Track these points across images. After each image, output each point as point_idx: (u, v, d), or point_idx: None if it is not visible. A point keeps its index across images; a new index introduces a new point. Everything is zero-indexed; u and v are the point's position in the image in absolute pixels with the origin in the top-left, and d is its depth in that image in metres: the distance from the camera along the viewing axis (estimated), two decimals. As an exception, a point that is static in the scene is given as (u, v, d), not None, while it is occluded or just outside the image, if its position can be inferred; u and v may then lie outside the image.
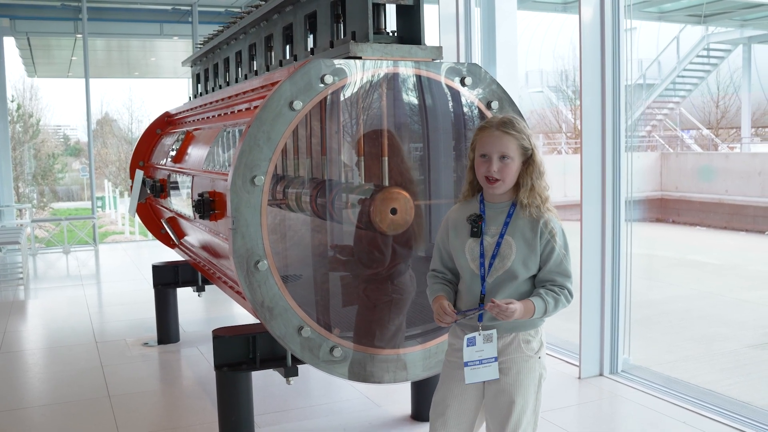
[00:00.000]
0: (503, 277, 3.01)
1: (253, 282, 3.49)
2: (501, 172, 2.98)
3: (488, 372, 3.02)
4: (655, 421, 4.81)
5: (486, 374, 3.02)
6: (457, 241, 3.09)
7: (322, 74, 3.52)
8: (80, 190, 40.17)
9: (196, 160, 5.07)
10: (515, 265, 2.99)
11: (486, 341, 3.00)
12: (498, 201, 3.07)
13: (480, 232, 3.03)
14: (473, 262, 3.03)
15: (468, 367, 3.01)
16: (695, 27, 25.79)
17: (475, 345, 3.00)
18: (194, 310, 8.20)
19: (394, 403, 5.17)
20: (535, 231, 2.99)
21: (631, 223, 5.69)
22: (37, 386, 5.88)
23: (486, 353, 3.00)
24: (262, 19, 5.13)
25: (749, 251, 16.53)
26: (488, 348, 3.00)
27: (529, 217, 3.01)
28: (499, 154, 2.97)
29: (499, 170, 2.98)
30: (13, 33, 15.32)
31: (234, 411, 4.23)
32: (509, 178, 3.00)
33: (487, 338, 3.00)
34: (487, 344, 3.00)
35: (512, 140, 2.98)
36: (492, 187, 3.01)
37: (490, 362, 3.01)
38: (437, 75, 3.83)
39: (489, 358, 3.00)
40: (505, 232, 3.01)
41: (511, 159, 2.98)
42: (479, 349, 3.00)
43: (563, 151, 31.54)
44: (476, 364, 3.00)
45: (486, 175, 2.99)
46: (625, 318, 5.68)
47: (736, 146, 29.90)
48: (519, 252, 2.99)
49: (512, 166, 2.99)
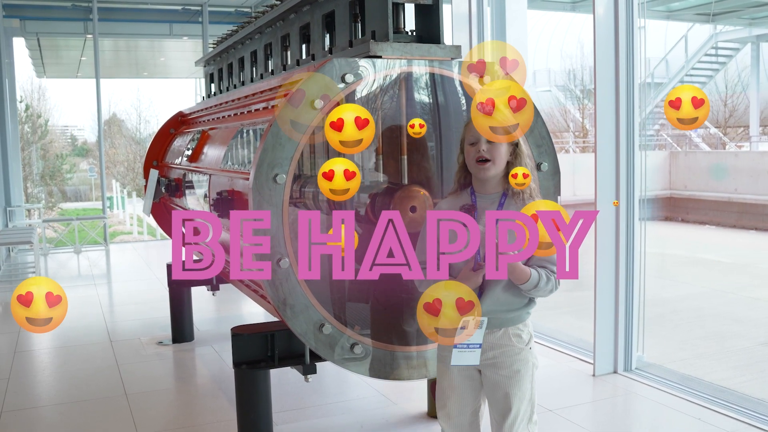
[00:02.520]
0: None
1: (275, 279, 3.51)
2: (490, 153, 3.12)
3: (472, 357, 3.15)
4: (670, 418, 4.83)
5: (470, 359, 3.15)
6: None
7: (343, 73, 3.55)
8: (88, 191, 40.29)
9: (213, 159, 5.10)
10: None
11: (476, 327, 3.07)
12: (489, 192, 3.21)
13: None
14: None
15: (456, 349, 3.13)
16: (703, 26, 25.74)
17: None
18: (207, 309, 8.24)
19: (409, 400, 5.20)
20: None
21: (644, 221, 5.71)
22: (54, 385, 5.92)
23: (473, 339, 3.12)
24: (279, 19, 5.15)
25: (760, 249, 16.50)
26: (476, 333, 3.11)
27: (522, 203, 3.12)
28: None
29: (488, 150, 3.12)
30: (23, 34, 15.40)
31: (253, 408, 4.26)
32: (498, 159, 3.14)
33: (477, 325, 3.09)
34: (477, 330, 3.10)
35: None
36: (483, 168, 3.14)
37: (475, 348, 3.14)
38: (455, 74, 3.86)
39: (475, 344, 3.13)
40: None
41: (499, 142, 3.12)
42: (468, 333, 3.09)
43: (571, 150, 31.52)
44: (463, 347, 3.13)
45: (476, 157, 3.14)
46: (638, 316, 5.70)
47: (744, 145, 29.86)
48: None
49: (500, 148, 3.13)
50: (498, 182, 3.20)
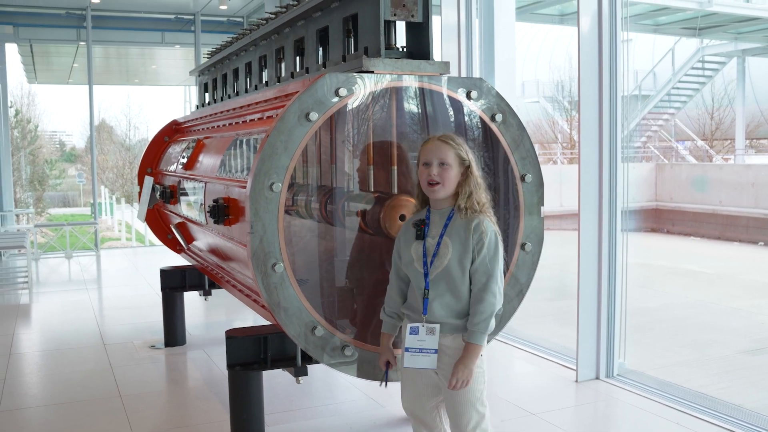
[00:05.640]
0: (442, 275, 3.34)
1: (270, 283, 3.66)
2: (440, 176, 3.34)
3: (427, 361, 3.34)
4: (650, 422, 4.97)
5: (425, 363, 3.34)
6: (405, 245, 3.46)
7: (336, 87, 3.70)
8: (76, 196, 40.26)
9: (208, 167, 5.23)
10: (451, 263, 3.32)
11: (429, 333, 3.33)
12: (441, 207, 3.42)
13: (423, 235, 3.39)
14: (417, 261, 3.39)
15: (408, 353, 3.34)
16: (690, 39, 26.04)
17: (418, 335, 3.33)
18: (197, 314, 8.36)
19: (396, 403, 5.31)
20: (468, 230, 3.32)
21: (626, 232, 5.85)
22: (49, 386, 6.03)
23: (427, 344, 3.32)
24: (274, 33, 5.30)
25: (742, 261, 16.72)
26: (430, 339, 3.32)
27: (465, 219, 3.35)
28: (439, 161, 3.34)
29: (438, 174, 3.33)
30: (16, 40, 15.47)
31: (245, 409, 4.40)
32: (448, 182, 3.35)
33: (430, 331, 3.33)
34: (429, 336, 3.32)
35: (450, 149, 3.36)
36: (433, 190, 3.36)
37: (429, 353, 3.33)
38: (444, 88, 4.02)
39: (429, 349, 3.32)
40: (443, 233, 3.36)
41: (450, 165, 3.34)
42: (421, 339, 3.33)
43: (559, 162, 31.75)
44: (416, 352, 3.33)
45: (428, 180, 3.35)
46: (620, 324, 5.83)
47: (731, 157, 30.15)
48: (455, 251, 3.32)
49: (450, 172, 3.35)
50: (449, 199, 3.41)
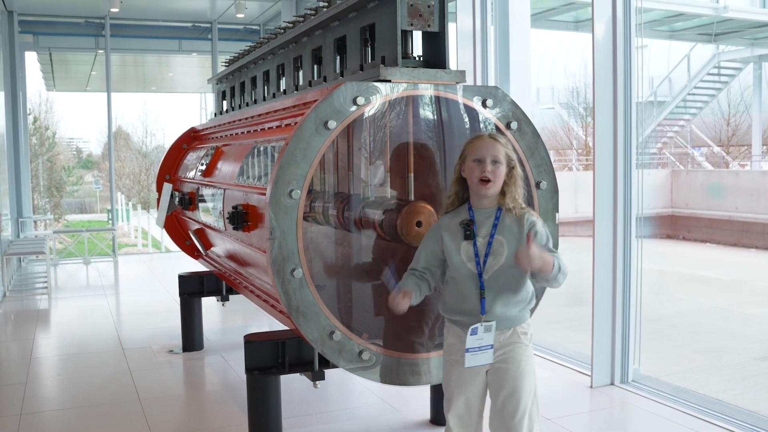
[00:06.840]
0: (498, 273, 3.40)
1: (289, 289, 3.72)
2: (493, 173, 3.38)
3: (485, 357, 3.44)
4: (664, 428, 4.99)
5: (483, 359, 3.44)
6: (452, 245, 3.46)
7: (354, 96, 3.77)
8: (93, 203, 40.54)
9: (227, 174, 5.31)
10: (507, 261, 3.38)
11: (486, 331, 3.41)
12: (485, 207, 3.46)
13: (473, 234, 3.41)
14: (469, 261, 3.42)
15: (469, 353, 3.41)
16: (706, 45, 25.99)
17: (477, 334, 3.40)
18: (214, 319, 8.43)
19: (412, 408, 5.37)
20: (520, 224, 3.40)
21: (641, 239, 5.87)
22: (70, 389, 6.12)
23: (485, 341, 3.41)
24: (292, 42, 5.37)
25: (758, 267, 16.68)
26: (487, 336, 3.41)
27: (514, 217, 3.42)
28: (492, 158, 3.38)
29: (491, 171, 3.38)
30: (35, 48, 15.68)
31: (263, 413, 4.45)
32: (499, 180, 3.41)
33: (488, 328, 3.41)
34: (487, 333, 3.41)
35: (501, 147, 3.42)
36: (485, 187, 3.40)
37: (487, 349, 3.43)
38: (459, 97, 4.08)
39: (486, 346, 3.42)
40: (495, 232, 3.41)
41: (501, 163, 3.39)
42: (479, 337, 3.40)
43: (574, 168, 31.71)
44: (476, 351, 3.41)
45: (480, 176, 3.38)
46: (635, 330, 5.85)
47: (747, 164, 30.02)
48: (510, 248, 3.38)
49: (501, 170, 3.41)
50: (494, 198, 3.45)
